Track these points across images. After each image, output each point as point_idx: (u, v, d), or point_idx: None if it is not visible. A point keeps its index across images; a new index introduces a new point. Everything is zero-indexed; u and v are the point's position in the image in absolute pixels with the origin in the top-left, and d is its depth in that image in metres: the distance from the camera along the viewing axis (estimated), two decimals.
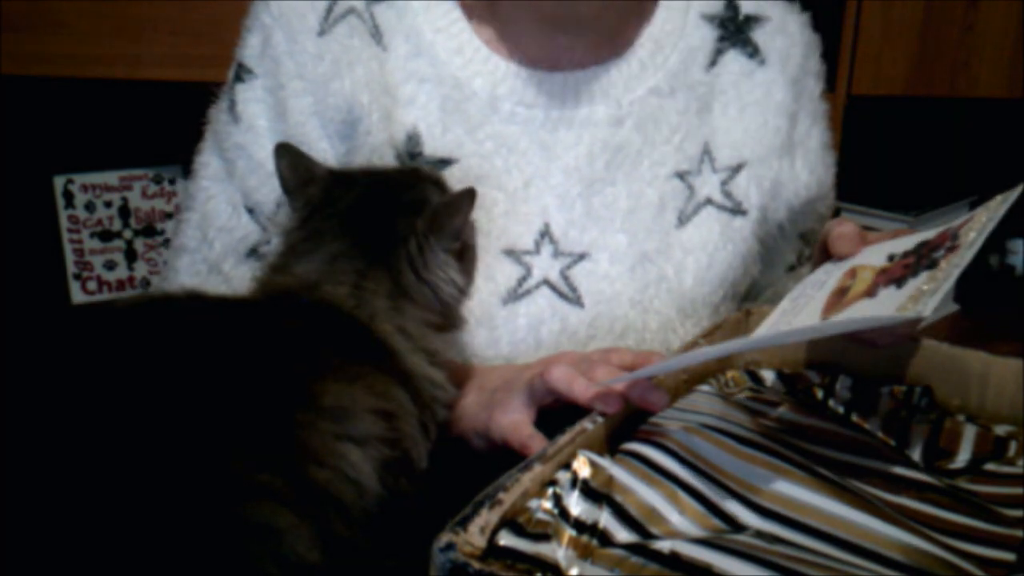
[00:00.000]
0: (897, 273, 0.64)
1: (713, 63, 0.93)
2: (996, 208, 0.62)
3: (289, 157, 0.76)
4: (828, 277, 0.72)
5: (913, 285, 0.60)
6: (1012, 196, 0.62)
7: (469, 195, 0.70)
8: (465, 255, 0.74)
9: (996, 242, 2.19)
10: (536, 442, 0.68)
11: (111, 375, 0.55)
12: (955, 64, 1.89)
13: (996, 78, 1.89)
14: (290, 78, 0.88)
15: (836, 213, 2.10)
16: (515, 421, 0.70)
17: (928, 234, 0.67)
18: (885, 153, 2.10)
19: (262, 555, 0.52)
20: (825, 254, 0.76)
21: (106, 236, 1.84)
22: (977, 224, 0.62)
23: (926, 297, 0.57)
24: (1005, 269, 2.16)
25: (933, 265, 0.61)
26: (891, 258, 0.67)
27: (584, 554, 0.52)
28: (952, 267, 0.59)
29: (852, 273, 0.69)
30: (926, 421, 0.70)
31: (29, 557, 0.48)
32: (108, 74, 1.57)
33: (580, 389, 0.67)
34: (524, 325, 0.85)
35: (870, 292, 0.64)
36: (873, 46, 1.87)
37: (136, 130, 1.72)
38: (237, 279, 0.91)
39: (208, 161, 0.93)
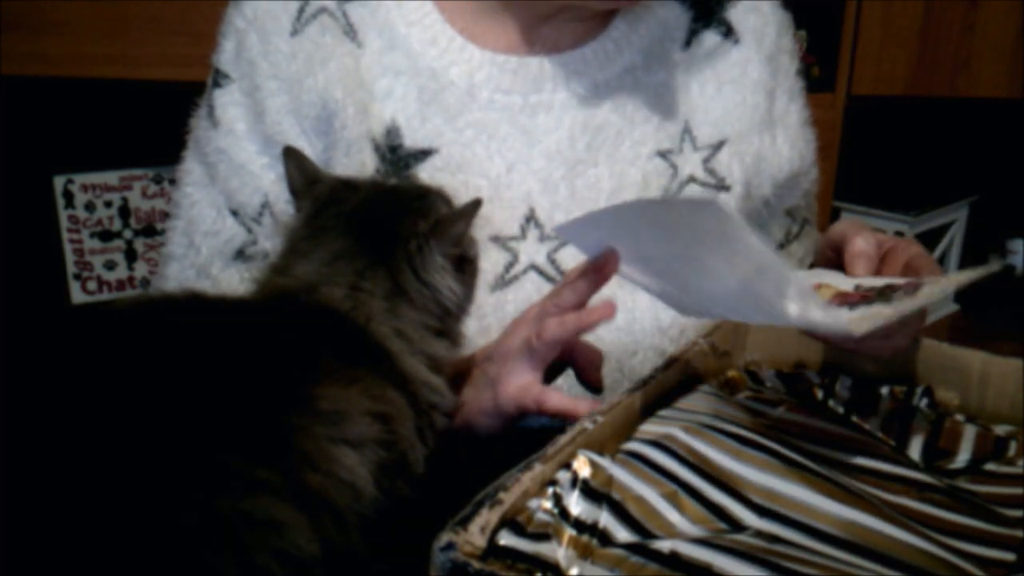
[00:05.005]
0: (853, 299, 0.65)
1: (688, 43, 0.94)
2: (963, 279, 0.65)
3: (297, 160, 0.76)
4: None
5: (860, 311, 0.62)
6: (979, 273, 0.64)
7: (474, 205, 0.70)
8: (466, 268, 0.73)
9: (996, 242, 2.20)
10: (550, 395, 0.69)
11: (111, 375, 0.55)
12: (955, 64, 1.89)
13: (996, 78, 1.90)
14: (265, 79, 0.89)
15: (836, 213, 2.11)
16: (522, 385, 0.70)
17: (899, 280, 0.68)
18: (885, 153, 2.10)
19: (261, 548, 0.52)
20: (832, 259, 0.76)
21: (106, 236, 1.84)
22: (942, 284, 0.64)
23: (866, 322, 0.59)
24: (1005, 269, 2.16)
25: (888, 301, 0.63)
26: (857, 288, 0.68)
27: (584, 554, 0.52)
28: (902, 306, 0.61)
29: (816, 288, 0.69)
30: (926, 421, 0.70)
31: (32, 554, 0.48)
32: (108, 74, 1.57)
33: (574, 321, 0.68)
34: (513, 311, 0.85)
35: None
36: (873, 46, 1.87)
37: (136, 130, 1.72)
38: (225, 282, 0.91)
39: (191, 168, 0.94)
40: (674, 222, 0.59)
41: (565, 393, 0.72)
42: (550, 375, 0.74)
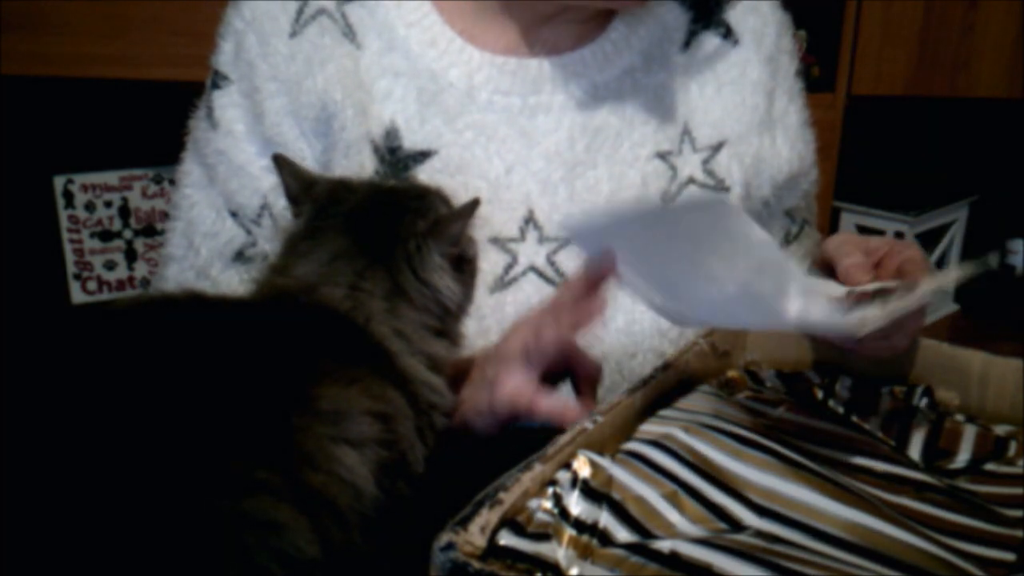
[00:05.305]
0: (850, 301, 0.65)
1: (687, 44, 0.94)
2: (958, 275, 0.66)
3: (289, 167, 0.76)
4: None
5: (859, 312, 0.62)
6: (970, 270, 0.65)
7: (472, 204, 0.70)
8: (464, 267, 0.73)
9: (996, 242, 2.20)
10: (543, 398, 0.69)
11: (111, 376, 0.55)
12: (955, 64, 1.89)
13: (996, 78, 1.90)
14: (264, 80, 0.89)
15: (836, 213, 2.11)
16: (516, 387, 0.70)
17: (891, 283, 0.69)
18: (885, 153, 2.10)
19: (261, 549, 0.52)
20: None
21: (106, 236, 1.84)
22: (938, 280, 0.64)
23: (868, 322, 0.59)
24: (1005, 269, 2.16)
25: (885, 302, 0.63)
26: (849, 294, 0.68)
27: (584, 554, 0.52)
28: (900, 304, 0.61)
29: None
30: (926, 421, 0.70)
31: (32, 554, 0.48)
32: (108, 74, 1.57)
33: (569, 319, 0.68)
34: (512, 313, 0.85)
35: None
36: (873, 46, 1.87)
37: (136, 130, 1.73)
38: (224, 283, 0.91)
39: (190, 169, 0.94)
40: (677, 227, 0.59)
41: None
42: (550, 385, 0.74)
